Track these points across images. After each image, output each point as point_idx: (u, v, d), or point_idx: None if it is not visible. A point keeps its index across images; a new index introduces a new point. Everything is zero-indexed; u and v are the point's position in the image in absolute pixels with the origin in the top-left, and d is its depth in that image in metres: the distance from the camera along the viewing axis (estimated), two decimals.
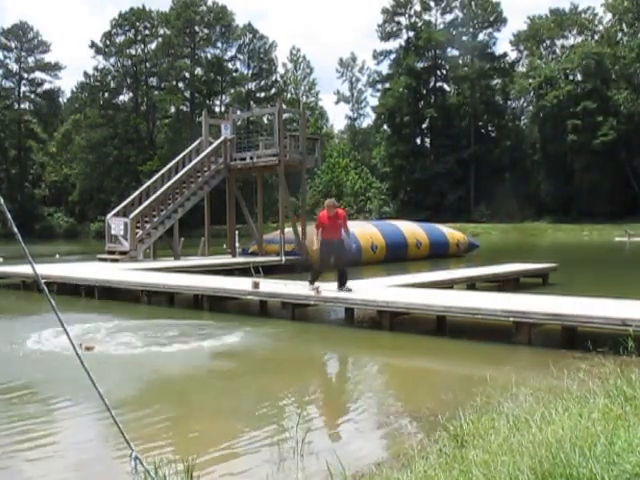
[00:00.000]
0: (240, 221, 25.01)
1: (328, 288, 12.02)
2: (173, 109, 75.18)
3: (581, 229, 54.81)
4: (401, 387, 7.82)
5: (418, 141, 73.60)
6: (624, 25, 64.34)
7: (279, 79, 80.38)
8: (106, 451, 5.54)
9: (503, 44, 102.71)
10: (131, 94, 74.31)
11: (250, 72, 76.57)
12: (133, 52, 73.16)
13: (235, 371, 8.36)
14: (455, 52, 72.48)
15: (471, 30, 71.41)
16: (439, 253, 26.17)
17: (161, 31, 73.65)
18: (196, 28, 73.44)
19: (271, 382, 7.79)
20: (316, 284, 11.91)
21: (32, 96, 77.59)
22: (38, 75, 76.47)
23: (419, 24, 72.46)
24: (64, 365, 8.01)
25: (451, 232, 28.99)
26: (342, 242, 12.06)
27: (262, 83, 77.39)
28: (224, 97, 76.61)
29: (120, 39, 72.44)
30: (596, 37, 67.47)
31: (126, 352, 9.09)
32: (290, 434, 5.53)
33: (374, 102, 77.28)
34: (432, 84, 73.41)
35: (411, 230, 26.89)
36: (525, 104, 72.23)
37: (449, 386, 7.45)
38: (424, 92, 73.13)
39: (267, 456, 5.21)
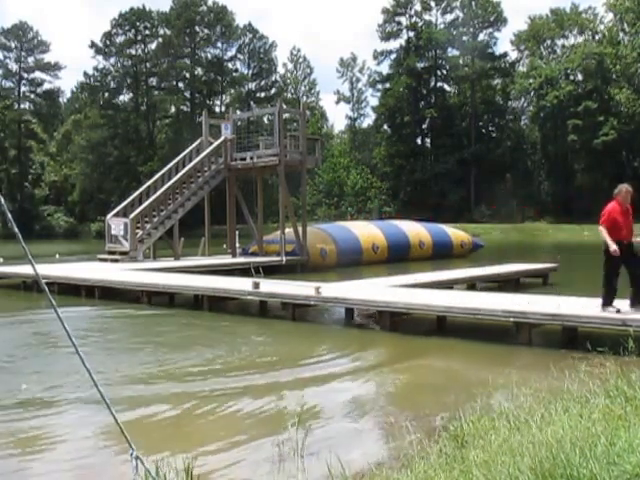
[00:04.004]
0: (240, 221, 25.00)
1: (328, 288, 12.03)
2: (173, 109, 75.12)
3: (582, 229, 54.70)
4: (401, 387, 7.81)
5: (418, 141, 73.53)
6: (625, 25, 64.22)
7: (279, 79, 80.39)
8: (107, 450, 5.55)
9: (504, 44, 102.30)
10: (131, 94, 74.24)
11: (250, 72, 76.52)
12: (133, 52, 73.09)
13: (229, 373, 8.36)
14: (455, 52, 72.43)
15: (471, 30, 71.35)
16: (443, 253, 26.14)
17: (161, 31, 73.61)
18: (196, 28, 73.39)
19: (269, 382, 7.78)
20: (615, 305, 9.07)
21: (32, 96, 77.50)
22: (38, 75, 76.46)
23: (419, 24, 72.38)
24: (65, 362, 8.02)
25: (455, 232, 28.93)
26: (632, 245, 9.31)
27: (262, 83, 77.36)
28: (224, 97, 76.61)
29: (120, 39, 72.38)
30: (597, 37, 67.39)
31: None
32: (290, 434, 5.52)
33: (374, 102, 77.28)
34: (432, 84, 73.34)
35: (414, 230, 26.86)
36: (526, 104, 72.14)
37: (449, 386, 7.46)
38: (424, 92, 73.06)
39: (267, 456, 5.21)
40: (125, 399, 6.80)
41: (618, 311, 8.94)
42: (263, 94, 76.31)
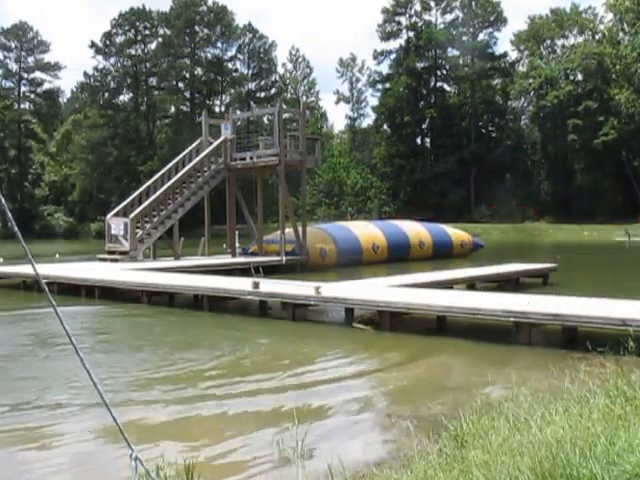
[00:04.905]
0: (240, 221, 25.00)
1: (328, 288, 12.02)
2: (173, 109, 75.09)
3: (581, 229, 54.74)
4: (401, 387, 7.81)
5: (418, 141, 73.53)
6: (625, 25, 64.19)
7: (279, 79, 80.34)
8: (106, 451, 5.54)
9: (504, 44, 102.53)
10: (131, 94, 74.21)
11: (250, 72, 76.50)
12: (133, 52, 73.04)
13: (227, 372, 8.36)
14: (455, 52, 72.43)
15: (471, 30, 71.33)
16: (443, 253, 26.14)
17: (161, 31, 73.56)
18: (196, 28, 73.35)
19: (270, 382, 7.78)
20: None
21: (32, 96, 77.47)
22: (38, 75, 76.42)
23: (419, 24, 72.37)
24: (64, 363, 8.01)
25: (455, 232, 28.94)
26: None
27: (262, 83, 77.34)
28: (224, 97, 76.58)
29: (120, 39, 72.34)
30: (597, 37, 67.39)
31: None
32: (291, 434, 5.52)
33: (374, 102, 77.25)
34: (432, 84, 73.34)
35: (414, 230, 26.86)
36: (525, 104, 72.15)
37: (449, 386, 7.46)
38: (424, 92, 73.06)
39: (268, 456, 5.21)
40: (125, 400, 6.79)
41: None
42: (263, 94, 76.29)
